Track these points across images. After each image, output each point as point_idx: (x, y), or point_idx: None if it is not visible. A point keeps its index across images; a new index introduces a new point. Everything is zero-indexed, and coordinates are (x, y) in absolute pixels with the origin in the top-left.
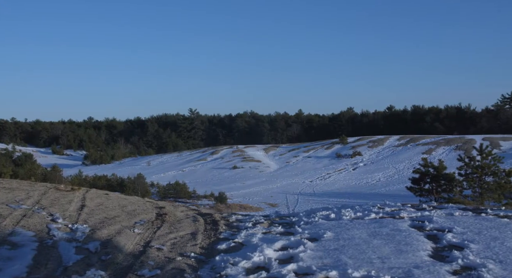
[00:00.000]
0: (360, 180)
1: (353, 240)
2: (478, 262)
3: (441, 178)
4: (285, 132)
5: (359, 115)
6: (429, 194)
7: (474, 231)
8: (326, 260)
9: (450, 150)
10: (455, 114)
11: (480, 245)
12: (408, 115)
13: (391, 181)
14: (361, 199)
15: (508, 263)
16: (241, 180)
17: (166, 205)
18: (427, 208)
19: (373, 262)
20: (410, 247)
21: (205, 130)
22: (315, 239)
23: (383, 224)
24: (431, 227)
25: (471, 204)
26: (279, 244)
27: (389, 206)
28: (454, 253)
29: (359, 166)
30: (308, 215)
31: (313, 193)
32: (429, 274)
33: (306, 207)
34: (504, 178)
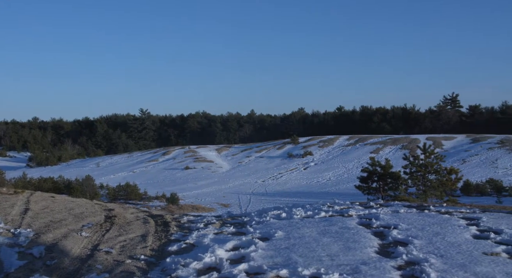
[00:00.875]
0: (311, 179)
1: (303, 239)
2: (421, 257)
3: (388, 176)
4: (238, 133)
5: (310, 115)
6: (377, 192)
7: (418, 227)
8: (277, 259)
9: (396, 149)
10: (401, 114)
11: (423, 241)
12: (356, 116)
13: (341, 180)
14: (312, 198)
15: (449, 257)
16: (194, 180)
17: (115, 207)
18: (375, 205)
19: (323, 259)
20: (358, 244)
21: (156, 131)
22: (267, 239)
23: (332, 222)
24: (378, 224)
25: (415, 201)
26: (230, 244)
27: (339, 205)
28: (399, 249)
29: (310, 165)
30: (260, 215)
31: (266, 192)
32: (376, 270)
33: (258, 206)
34: (446, 175)
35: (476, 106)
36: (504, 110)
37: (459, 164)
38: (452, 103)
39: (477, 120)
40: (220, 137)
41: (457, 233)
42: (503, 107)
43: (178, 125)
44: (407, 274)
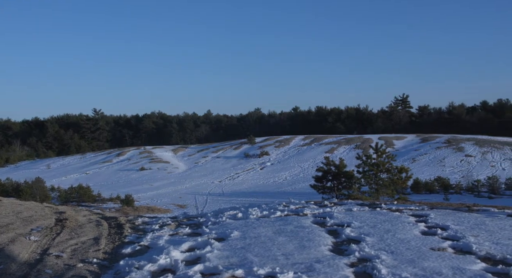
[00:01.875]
0: (268, 179)
1: (259, 238)
2: (373, 254)
3: (342, 175)
4: (194, 133)
5: (267, 115)
6: (331, 191)
7: (370, 225)
8: (233, 259)
9: (350, 148)
10: (355, 115)
11: (375, 238)
12: (312, 116)
13: (297, 179)
14: (269, 198)
15: (398, 253)
16: (149, 181)
17: (67, 210)
18: (329, 204)
19: (278, 258)
20: (312, 242)
21: (110, 131)
22: (223, 239)
23: (288, 222)
24: (332, 223)
25: (368, 199)
26: (186, 245)
27: (294, 204)
28: (352, 247)
29: (267, 165)
30: (216, 215)
31: (222, 193)
32: (329, 267)
33: (215, 207)
34: (397, 174)
35: (425, 107)
36: (451, 111)
37: (409, 162)
38: (402, 104)
39: (426, 120)
40: (176, 138)
41: (406, 230)
42: (450, 108)
43: (133, 125)
44: (359, 271)
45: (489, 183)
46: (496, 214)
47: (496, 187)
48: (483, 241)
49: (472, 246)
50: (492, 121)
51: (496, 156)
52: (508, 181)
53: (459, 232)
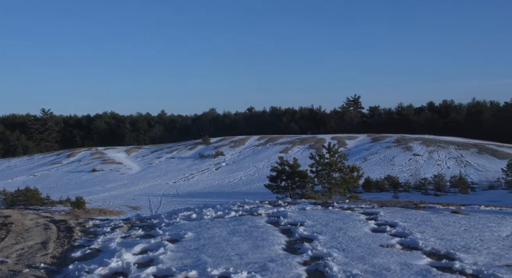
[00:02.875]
0: (223, 179)
1: (213, 239)
2: (325, 252)
3: (296, 175)
4: (148, 133)
5: (221, 116)
6: (285, 190)
7: (322, 223)
8: (187, 260)
9: (304, 148)
10: (308, 115)
11: (327, 236)
12: (267, 116)
13: (252, 179)
14: (223, 198)
15: (349, 251)
16: (101, 183)
17: (13, 213)
18: (283, 204)
19: (232, 259)
20: (266, 242)
21: (60, 132)
22: (176, 240)
23: (242, 222)
24: (286, 222)
25: (321, 198)
26: (138, 247)
27: (248, 204)
28: (304, 245)
29: (222, 165)
30: (170, 216)
31: (177, 194)
32: (282, 266)
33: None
34: (349, 173)
35: (376, 107)
36: (400, 111)
37: (361, 162)
38: (354, 105)
39: (376, 120)
40: (130, 138)
41: (357, 228)
42: (399, 108)
43: (84, 126)
44: (312, 269)
45: (435, 181)
46: (441, 210)
47: (441, 185)
48: (429, 237)
49: (419, 242)
50: (438, 122)
51: (442, 154)
52: (452, 179)
53: (406, 228)
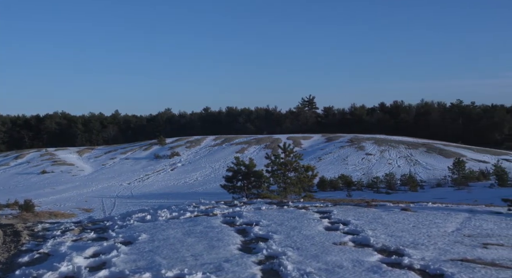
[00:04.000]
0: (179, 180)
1: (168, 240)
2: (280, 251)
3: (251, 175)
4: (101, 134)
5: (177, 116)
6: (241, 190)
7: (278, 223)
8: (140, 262)
9: (260, 148)
10: (264, 115)
11: (282, 235)
12: (223, 116)
13: (208, 179)
14: (179, 199)
15: (304, 249)
16: (52, 185)
17: None
18: (239, 204)
19: (187, 260)
20: (221, 242)
21: (7, 133)
22: (130, 242)
23: (197, 222)
24: (241, 222)
25: (276, 198)
26: (90, 250)
27: (204, 204)
28: (260, 245)
29: (178, 166)
30: (124, 218)
31: (131, 195)
32: (238, 266)
33: (123, 210)
34: (304, 173)
35: (330, 108)
36: (353, 112)
37: (316, 161)
38: (309, 105)
39: (330, 121)
40: (82, 139)
41: (311, 226)
42: (352, 109)
43: (33, 126)
44: (267, 268)
45: (386, 180)
46: (392, 208)
47: (392, 183)
48: (380, 234)
49: (370, 239)
50: (389, 122)
51: (393, 154)
52: (403, 177)
53: (358, 226)
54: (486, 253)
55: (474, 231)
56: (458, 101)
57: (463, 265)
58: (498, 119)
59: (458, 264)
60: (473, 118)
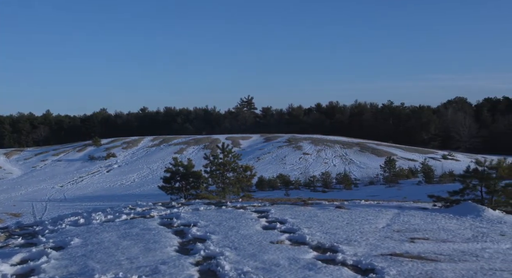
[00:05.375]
0: (115, 181)
1: (102, 244)
2: (217, 251)
3: (190, 175)
4: (31, 135)
5: (113, 116)
6: (179, 191)
7: (216, 223)
8: (72, 268)
9: (199, 149)
10: (203, 115)
11: (220, 236)
12: (161, 117)
13: (146, 181)
14: (115, 201)
15: (241, 249)
16: None
17: None
18: (176, 205)
19: (122, 263)
20: (158, 244)
21: None
22: (61, 247)
23: (133, 225)
24: (179, 223)
25: (215, 198)
26: (17, 257)
27: (141, 206)
28: (197, 246)
29: (114, 167)
30: (55, 223)
31: (64, 198)
32: (175, 268)
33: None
34: (242, 173)
35: (268, 108)
36: (291, 112)
37: (255, 161)
38: (248, 105)
39: (269, 121)
40: (10, 140)
41: (249, 226)
42: (289, 109)
43: None
44: (204, 269)
45: (323, 178)
46: (327, 206)
47: (328, 182)
48: (315, 231)
49: (306, 237)
50: (325, 122)
51: (329, 153)
52: (338, 176)
53: (295, 225)
54: (413, 247)
55: (403, 226)
56: (389, 102)
57: (392, 259)
58: (425, 119)
59: (387, 258)
60: (403, 119)
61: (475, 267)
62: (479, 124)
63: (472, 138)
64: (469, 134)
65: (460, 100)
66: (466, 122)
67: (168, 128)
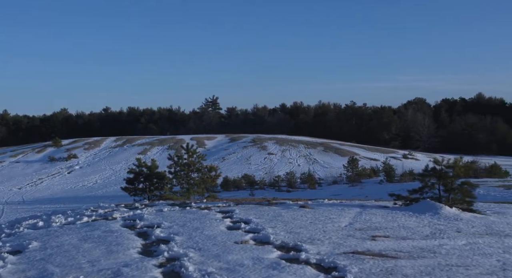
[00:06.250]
0: (76, 183)
1: (62, 247)
2: (181, 252)
3: (154, 176)
4: None
5: (74, 116)
6: (143, 192)
7: (180, 224)
8: (30, 272)
9: (164, 149)
10: (168, 116)
11: (184, 237)
12: (124, 117)
13: (108, 182)
14: (77, 203)
15: (205, 250)
16: None
17: None
18: (140, 206)
19: (83, 266)
20: (121, 246)
21: None
22: (19, 251)
23: (95, 227)
24: (142, 225)
25: (179, 199)
26: None
27: (103, 208)
28: (161, 247)
29: (75, 169)
30: (12, 226)
31: (23, 201)
32: (137, 270)
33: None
34: (207, 173)
35: (233, 108)
36: (256, 112)
37: (220, 161)
38: (213, 106)
39: (234, 121)
40: None
41: (213, 226)
42: (254, 109)
43: None
44: (168, 271)
45: (287, 178)
46: (291, 206)
47: (293, 182)
48: (280, 231)
49: (270, 236)
50: (289, 122)
51: (293, 153)
52: (302, 176)
53: (259, 224)
54: (374, 245)
55: (364, 224)
56: (352, 103)
57: (354, 257)
58: (386, 120)
59: (350, 256)
60: (365, 119)
61: (433, 263)
62: (437, 124)
63: (430, 138)
64: (428, 134)
65: (419, 101)
66: (425, 122)
67: (131, 129)
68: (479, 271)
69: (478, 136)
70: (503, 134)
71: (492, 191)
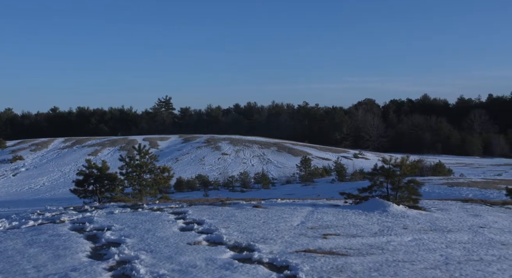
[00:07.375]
0: (22, 186)
1: (5, 253)
2: (132, 255)
3: (105, 178)
4: None
5: (20, 116)
6: (93, 194)
7: (131, 226)
8: None
9: (115, 150)
10: (119, 116)
11: (135, 239)
12: (73, 117)
13: (57, 184)
14: (22, 207)
15: (158, 252)
16: None
17: None
18: (89, 209)
19: (28, 272)
20: (69, 250)
21: None
22: None
23: (41, 231)
24: (92, 227)
25: (131, 200)
26: None
27: (50, 211)
28: (111, 250)
29: (21, 171)
30: None
31: None
32: (86, 274)
33: None
34: (159, 174)
35: (187, 109)
36: (209, 112)
37: (173, 162)
38: (166, 106)
39: (187, 121)
40: None
41: (166, 228)
42: (208, 110)
43: None
44: (118, 274)
45: (241, 178)
46: (245, 206)
47: (247, 182)
48: (233, 231)
49: (223, 237)
50: (243, 122)
51: (247, 153)
52: (256, 176)
53: (213, 225)
54: (325, 243)
55: (316, 223)
56: (304, 104)
57: (306, 255)
58: (338, 120)
59: (301, 254)
60: (317, 119)
61: (381, 259)
62: (386, 124)
63: (380, 137)
64: (377, 134)
65: (369, 102)
66: (374, 122)
67: (81, 130)
68: (423, 266)
69: (424, 136)
70: (447, 134)
71: (436, 188)
